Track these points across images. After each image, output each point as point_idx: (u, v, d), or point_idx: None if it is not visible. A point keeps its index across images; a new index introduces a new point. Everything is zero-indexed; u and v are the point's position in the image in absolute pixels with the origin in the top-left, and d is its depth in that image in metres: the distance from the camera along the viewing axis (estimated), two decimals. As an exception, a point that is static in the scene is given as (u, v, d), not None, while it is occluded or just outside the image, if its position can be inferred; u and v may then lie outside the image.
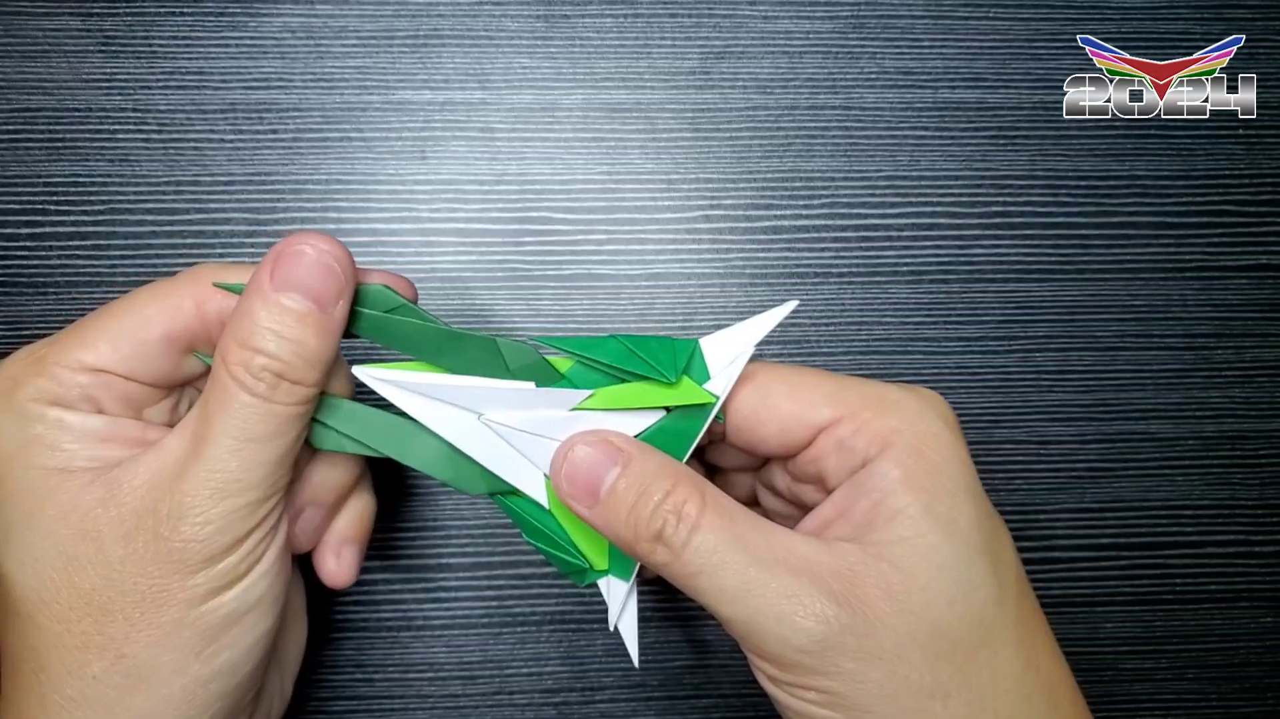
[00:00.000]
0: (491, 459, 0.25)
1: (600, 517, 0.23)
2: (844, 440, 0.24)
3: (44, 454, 0.22)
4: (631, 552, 0.23)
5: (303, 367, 0.23)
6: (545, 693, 0.34)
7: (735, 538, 0.22)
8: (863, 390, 0.24)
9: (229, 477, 0.22)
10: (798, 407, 0.24)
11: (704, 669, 0.34)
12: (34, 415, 0.23)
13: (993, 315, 0.35)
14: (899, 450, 0.23)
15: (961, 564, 0.22)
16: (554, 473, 0.24)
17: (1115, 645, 0.35)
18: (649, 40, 0.35)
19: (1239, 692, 0.35)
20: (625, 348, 0.24)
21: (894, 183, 0.35)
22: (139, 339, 0.23)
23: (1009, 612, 0.22)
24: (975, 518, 0.23)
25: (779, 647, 0.21)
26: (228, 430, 0.22)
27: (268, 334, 0.22)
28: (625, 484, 0.23)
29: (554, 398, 0.24)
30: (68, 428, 0.23)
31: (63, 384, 0.23)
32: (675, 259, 0.34)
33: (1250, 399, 0.36)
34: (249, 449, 0.22)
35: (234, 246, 0.33)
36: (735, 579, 0.21)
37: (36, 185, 0.33)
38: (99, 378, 0.23)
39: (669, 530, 0.22)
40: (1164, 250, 0.36)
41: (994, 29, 0.36)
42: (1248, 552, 0.36)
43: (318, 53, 0.34)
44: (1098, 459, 0.35)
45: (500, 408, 0.24)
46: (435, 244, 0.34)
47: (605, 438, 0.24)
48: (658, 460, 0.23)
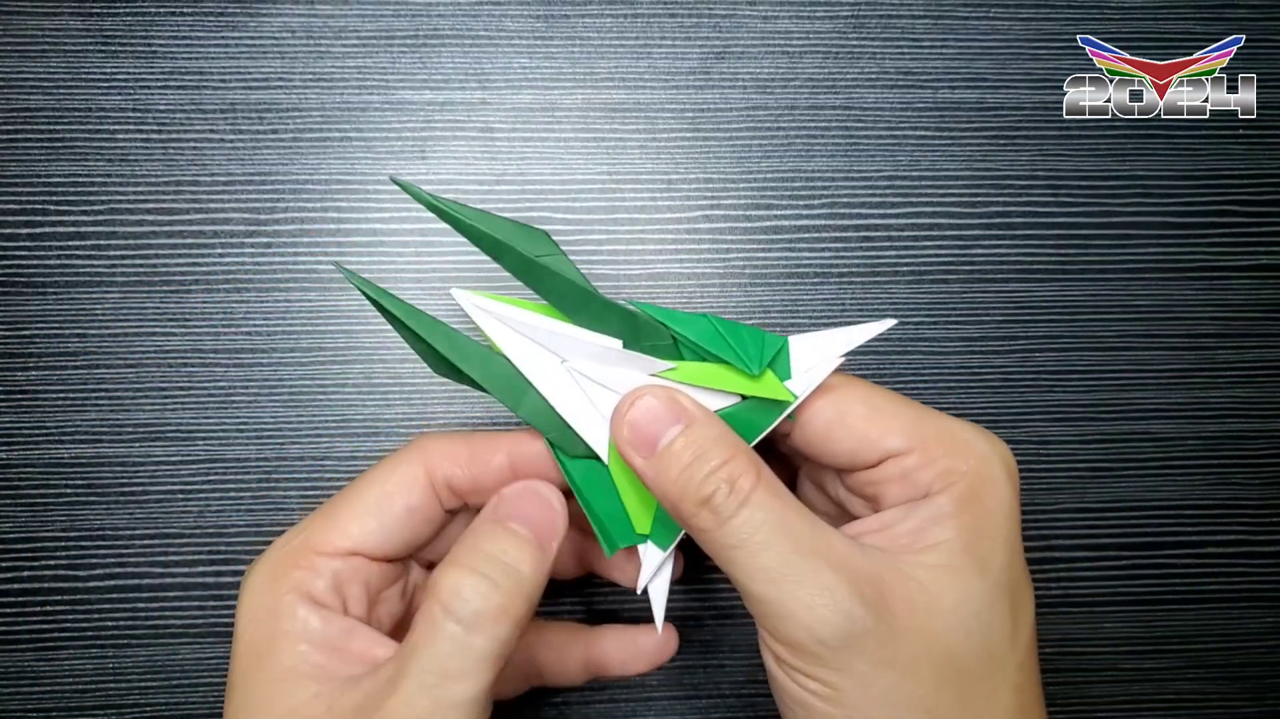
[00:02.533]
0: (564, 404, 0.25)
1: (653, 469, 0.23)
2: (910, 473, 0.24)
3: (287, 654, 0.23)
4: (675, 511, 0.23)
5: (513, 593, 0.22)
6: (545, 693, 0.34)
7: (783, 521, 0.22)
8: (938, 426, 0.24)
9: (418, 715, 0.21)
10: (874, 431, 0.24)
11: (703, 669, 0.34)
12: (286, 612, 0.23)
13: (993, 315, 0.35)
14: (958, 489, 0.23)
15: (985, 601, 0.23)
16: (618, 415, 0.24)
17: (1115, 645, 0.35)
18: (649, 40, 0.35)
19: (1240, 692, 0.35)
20: (716, 330, 0.24)
21: (894, 183, 0.35)
22: (383, 516, 0.24)
23: (1017, 657, 0.23)
24: (1008, 565, 0.23)
25: (802, 634, 0.22)
26: (425, 665, 0.22)
27: (485, 557, 0.23)
28: (684, 443, 0.23)
29: (638, 361, 0.24)
30: (311, 630, 0.23)
31: (319, 573, 0.24)
32: (675, 259, 0.34)
33: (1252, 399, 0.36)
34: (443, 688, 0.22)
35: (234, 247, 0.33)
36: (775, 561, 0.22)
37: (36, 185, 0.33)
38: (350, 562, 0.24)
39: (719, 498, 0.22)
40: (1165, 250, 0.36)
41: (994, 29, 0.35)
42: (1249, 552, 0.35)
43: (318, 53, 0.34)
44: (1099, 459, 0.35)
45: (585, 358, 0.24)
46: (435, 244, 0.34)
47: (673, 395, 0.24)
48: (720, 429, 0.24)
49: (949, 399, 0.35)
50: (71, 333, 0.33)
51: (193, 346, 0.33)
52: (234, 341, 0.33)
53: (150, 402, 0.33)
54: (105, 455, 0.33)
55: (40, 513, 0.33)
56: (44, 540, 0.33)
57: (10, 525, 0.33)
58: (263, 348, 0.33)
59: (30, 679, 0.33)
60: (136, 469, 0.33)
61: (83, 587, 0.33)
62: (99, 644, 0.33)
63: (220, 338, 0.33)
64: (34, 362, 0.33)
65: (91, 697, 0.33)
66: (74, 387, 0.33)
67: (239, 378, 0.33)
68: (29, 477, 0.33)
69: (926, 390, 0.35)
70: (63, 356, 0.33)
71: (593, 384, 0.25)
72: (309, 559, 0.24)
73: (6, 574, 0.33)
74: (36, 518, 0.33)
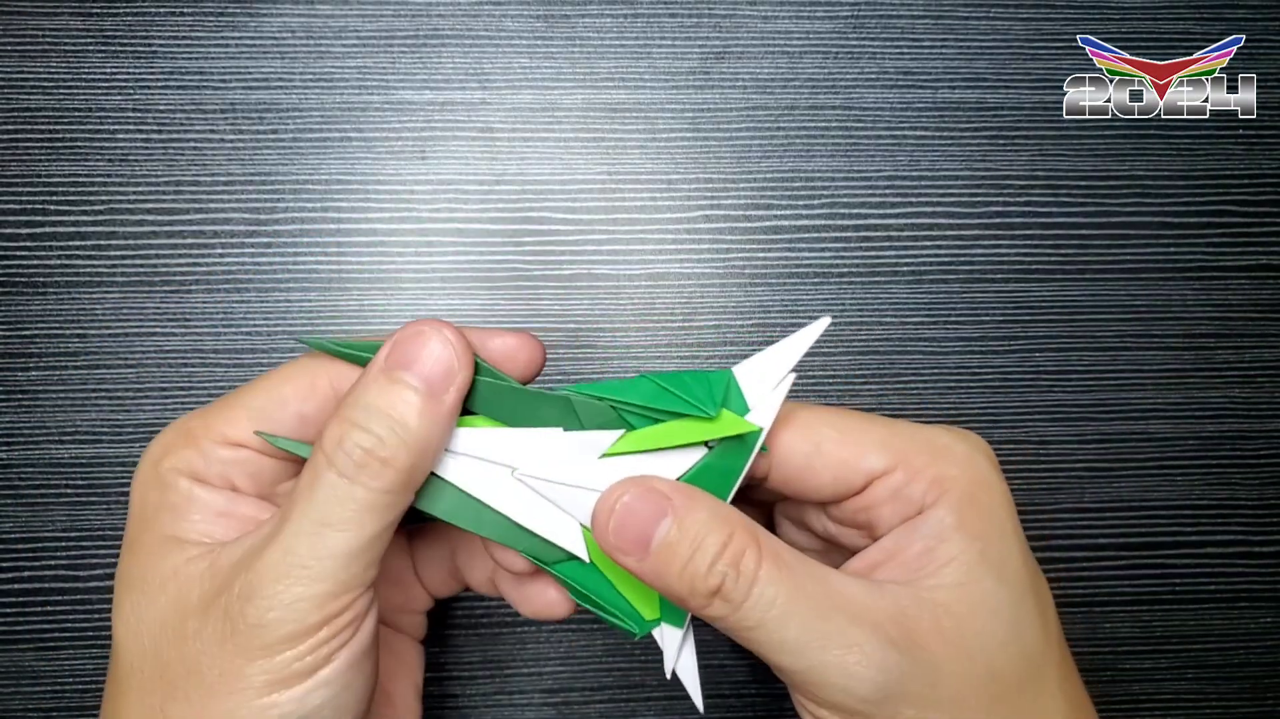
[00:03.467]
0: (526, 515, 0.24)
1: (651, 569, 0.22)
2: (900, 490, 0.23)
3: (169, 522, 0.23)
4: (684, 605, 0.22)
5: (396, 445, 0.22)
6: (545, 693, 0.34)
7: (795, 588, 0.21)
8: (913, 436, 0.24)
9: (297, 561, 0.21)
10: (850, 454, 0.24)
11: (703, 669, 0.34)
12: (170, 484, 0.23)
13: (993, 315, 0.35)
14: (953, 497, 0.23)
15: (1012, 606, 0.22)
16: (599, 525, 0.23)
17: (1115, 645, 0.35)
18: (649, 40, 0.35)
19: (1239, 691, 0.35)
20: (658, 386, 0.23)
21: (894, 183, 0.35)
22: (276, 418, 0.24)
23: (1054, 651, 0.23)
24: (1023, 560, 0.23)
25: (841, 696, 0.21)
26: (306, 512, 0.21)
27: (369, 410, 0.22)
28: (677, 536, 0.22)
29: (585, 440, 0.23)
30: (195, 500, 0.23)
31: (206, 457, 0.23)
32: (675, 259, 0.34)
33: (1250, 399, 0.36)
34: (322, 535, 0.21)
35: (234, 247, 0.33)
36: (796, 632, 0.21)
37: (36, 185, 0.33)
38: (238, 453, 0.24)
39: (728, 585, 0.21)
40: (1164, 250, 0.36)
41: (994, 29, 0.35)
42: (1247, 552, 0.36)
43: (318, 53, 0.34)
44: (1097, 459, 0.35)
45: (532, 458, 0.24)
46: (435, 244, 0.34)
47: (650, 486, 0.23)
48: (708, 507, 0.22)
49: (949, 399, 0.35)
50: (72, 333, 0.33)
51: (193, 347, 0.33)
52: (234, 342, 0.33)
53: (150, 401, 0.33)
54: (105, 455, 0.33)
55: (41, 513, 0.33)
56: (44, 540, 0.33)
57: (11, 525, 0.33)
58: (263, 348, 0.33)
59: (30, 679, 0.33)
60: (137, 469, 0.33)
61: (83, 586, 0.33)
62: (99, 644, 0.33)
63: (220, 338, 0.33)
64: (34, 362, 0.33)
65: (92, 697, 0.33)
66: (74, 386, 0.33)
67: (239, 378, 0.33)
68: (29, 477, 0.33)
69: (926, 391, 0.35)
70: (63, 356, 0.33)
71: (548, 484, 0.23)
72: (198, 442, 0.24)
73: (7, 574, 0.33)
74: (37, 517, 0.33)
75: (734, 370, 0.24)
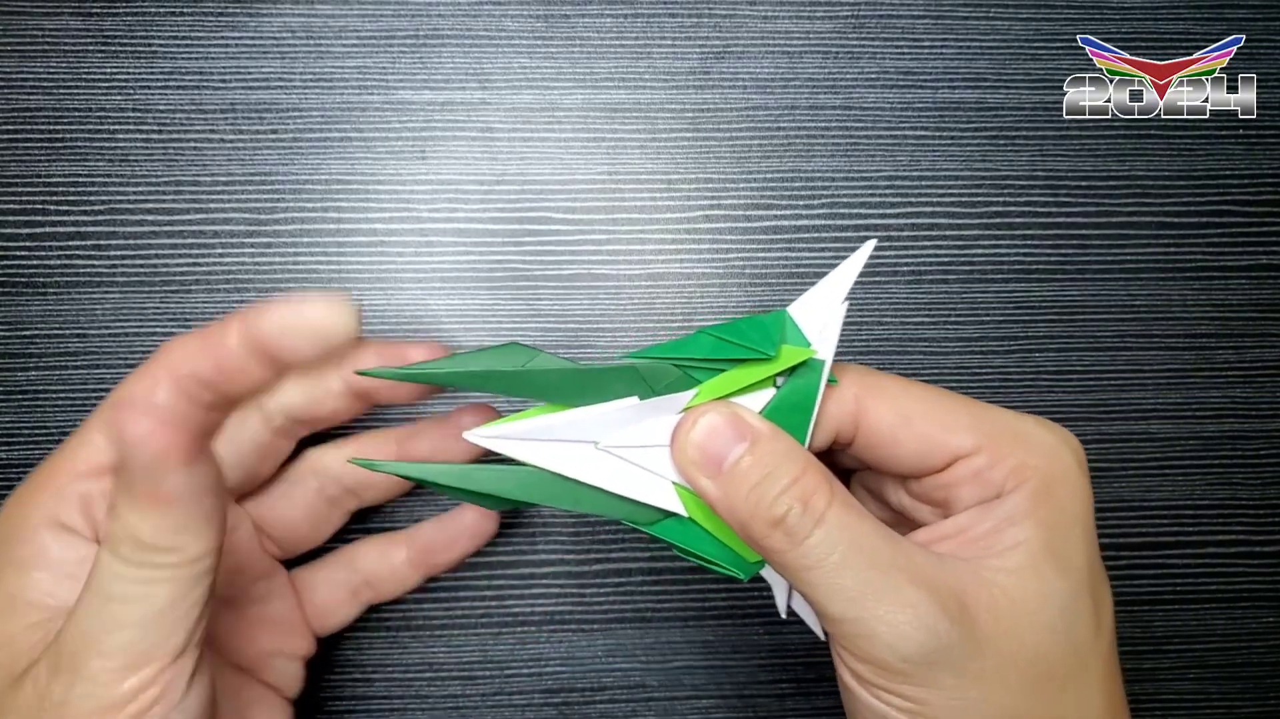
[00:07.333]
0: (618, 483, 0.24)
1: (720, 489, 0.22)
2: (981, 473, 0.23)
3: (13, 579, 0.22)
4: (745, 532, 0.22)
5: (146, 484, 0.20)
6: (545, 693, 0.34)
7: (859, 538, 0.22)
8: (1002, 421, 0.24)
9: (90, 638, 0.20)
10: (938, 431, 0.24)
11: (704, 669, 0.34)
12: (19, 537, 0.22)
13: (992, 315, 0.35)
14: (1031, 485, 0.23)
15: (1068, 598, 0.22)
16: (679, 439, 0.23)
17: (1117, 645, 0.35)
18: (649, 40, 0.35)
19: (1240, 692, 0.35)
20: (716, 339, 0.24)
21: (894, 183, 0.35)
22: None
23: (1102, 651, 0.23)
24: (1088, 558, 0.23)
25: (885, 653, 0.21)
26: (91, 586, 0.20)
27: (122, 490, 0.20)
28: (750, 460, 0.22)
29: (662, 403, 0.24)
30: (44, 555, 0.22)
31: (65, 496, 0.23)
32: (675, 259, 0.34)
33: (1251, 399, 0.36)
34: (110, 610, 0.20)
35: (234, 247, 0.33)
36: (854, 580, 0.21)
37: (36, 185, 0.33)
38: (100, 481, 0.23)
39: (792, 518, 0.22)
40: (1164, 250, 0.36)
41: (994, 29, 0.36)
42: (1248, 552, 0.36)
43: (318, 53, 0.34)
44: (1097, 459, 0.35)
45: (614, 430, 0.24)
46: (435, 244, 0.34)
47: (735, 410, 0.23)
48: (787, 443, 0.23)
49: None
50: (72, 333, 0.33)
51: (193, 347, 0.33)
52: (234, 342, 0.33)
53: (150, 402, 0.33)
54: (105, 455, 0.33)
55: (40, 513, 0.33)
56: (44, 540, 0.33)
57: (10, 525, 0.33)
58: (263, 348, 0.33)
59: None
60: (136, 469, 0.33)
61: (83, 587, 0.33)
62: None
63: (220, 338, 0.33)
64: (34, 362, 0.33)
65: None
66: (74, 387, 0.33)
67: (239, 378, 0.33)
68: (29, 477, 0.33)
69: (926, 390, 0.35)
70: (63, 357, 0.33)
71: (633, 449, 0.24)
72: (57, 481, 0.23)
73: (6, 574, 0.33)
74: (36, 518, 0.33)
75: (788, 310, 0.24)
